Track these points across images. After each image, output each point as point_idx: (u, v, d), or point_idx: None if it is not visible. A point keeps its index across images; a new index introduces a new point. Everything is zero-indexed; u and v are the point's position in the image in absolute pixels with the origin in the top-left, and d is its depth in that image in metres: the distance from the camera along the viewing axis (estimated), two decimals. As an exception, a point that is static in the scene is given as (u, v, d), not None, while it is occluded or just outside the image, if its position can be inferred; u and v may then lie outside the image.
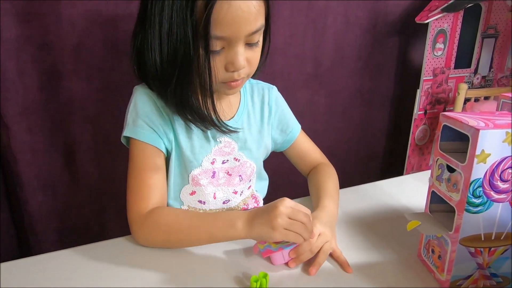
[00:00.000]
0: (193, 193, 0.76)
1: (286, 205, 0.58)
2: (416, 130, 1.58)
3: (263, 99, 0.82)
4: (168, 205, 0.76)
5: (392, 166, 1.81)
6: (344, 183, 0.87)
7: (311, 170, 0.86)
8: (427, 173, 1.00)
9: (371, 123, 1.69)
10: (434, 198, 0.60)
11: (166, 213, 0.66)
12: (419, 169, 1.69)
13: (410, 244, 0.69)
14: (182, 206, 0.77)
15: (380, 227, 0.75)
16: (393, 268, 0.63)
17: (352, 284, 0.60)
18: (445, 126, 0.56)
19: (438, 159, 0.58)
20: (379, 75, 1.62)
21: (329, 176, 0.81)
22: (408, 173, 1.66)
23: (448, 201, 0.55)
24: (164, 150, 0.71)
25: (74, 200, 1.27)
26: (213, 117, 0.70)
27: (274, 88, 0.86)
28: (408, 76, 1.66)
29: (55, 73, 1.12)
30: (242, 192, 0.81)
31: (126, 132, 0.69)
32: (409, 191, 0.89)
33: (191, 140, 0.73)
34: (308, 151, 0.88)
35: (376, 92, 1.65)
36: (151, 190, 0.68)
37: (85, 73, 1.14)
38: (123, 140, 0.72)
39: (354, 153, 1.70)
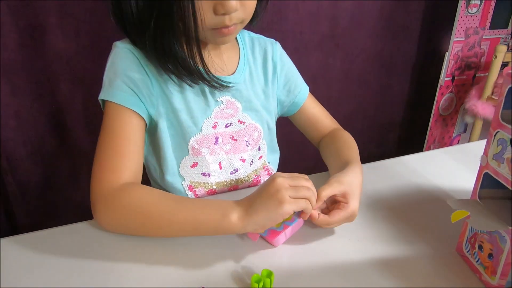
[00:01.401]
0: (194, 164, 0.66)
1: (282, 175, 0.51)
2: (441, 99, 1.43)
3: (266, 54, 0.72)
4: (166, 182, 0.66)
5: (412, 138, 1.67)
6: (359, 155, 0.76)
7: (323, 137, 0.76)
8: (460, 147, 0.87)
9: (390, 90, 1.54)
10: (486, 181, 0.48)
11: (142, 192, 0.54)
12: (441, 142, 1.55)
13: (446, 234, 0.57)
14: (183, 183, 0.67)
15: (408, 212, 0.63)
16: (426, 265, 0.52)
17: (377, 284, 0.48)
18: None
19: (497, 132, 0.45)
20: (402, 36, 1.46)
21: (349, 143, 0.71)
22: (429, 146, 1.53)
23: (510, 187, 0.43)
24: (146, 117, 0.60)
25: (65, 168, 1.18)
26: (201, 68, 0.59)
27: (278, 44, 0.75)
28: (436, 37, 1.49)
29: (38, 28, 1.00)
30: (252, 161, 0.71)
31: (101, 95, 0.59)
32: (440, 169, 0.76)
33: (187, 103, 0.63)
34: (319, 116, 0.77)
35: (398, 56, 1.49)
36: (124, 161, 0.56)
37: (72, 28, 1.03)
38: (102, 106, 0.61)
39: (370, 123, 1.57)
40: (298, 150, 1.39)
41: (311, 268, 0.51)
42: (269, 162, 0.77)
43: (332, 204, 0.57)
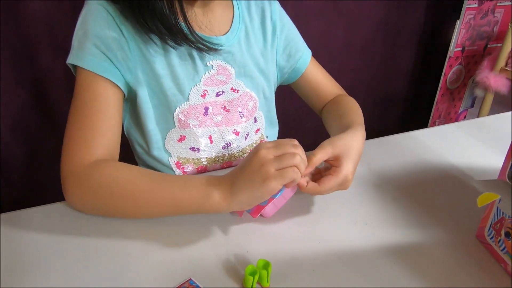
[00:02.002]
0: (182, 138, 0.59)
1: (265, 146, 0.44)
2: (450, 71, 1.35)
3: (264, 13, 0.64)
4: (152, 158, 0.60)
5: (416, 113, 1.60)
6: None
7: (326, 104, 0.70)
8: (474, 122, 0.80)
9: (395, 62, 1.46)
10: (517, 159, 0.41)
11: (115, 170, 0.48)
12: (447, 117, 1.48)
13: (465, 218, 0.51)
14: (170, 158, 0.60)
15: (421, 193, 0.57)
16: (443, 252, 0.46)
17: (388, 273, 0.43)
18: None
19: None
20: (410, 3, 1.37)
21: (352, 107, 0.64)
22: (434, 122, 1.46)
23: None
24: (122, 85, 0.53)
25: (49, 142, 1.11)
26: (184, 27, 0.52)
27: (277, 2, 0.67)
28: (446, 4, 1.39)
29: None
30: (247, 134, 0.65)
31: (69, 58, 0.51)
32: (453, 145, 0.70)
33: (172, 67, 0.55)
34: (322, 81, 0.70)
35: (404, 24, 1.40)
36: (96, 136, 0.50)
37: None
38: (74, 72, 0.54)
39: (372, 97, 1.50)
40: (296, 125, 1.32)
41: (313, 257, 0.45)
42: (267, 136, 0.70)
43: (326, 170, 0.50)
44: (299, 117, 1.27)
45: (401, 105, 1.58)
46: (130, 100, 0.56)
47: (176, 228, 0.48)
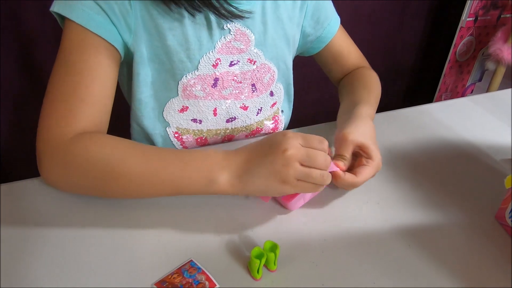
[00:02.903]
0: (184, 109, 0.54)
1: (295, 145, 0.39)
2: (460, 42, 1.29)
3: None
4: (144, 127, 0.54)
5: (421, 87, 1.55)
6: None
7: (344, 76, 0.65)
8: (489, 96, 0.76)
9: (402, 32, 1.40)
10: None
11: (102, 145, 0.41)
12: (454, 91, 1.43)
13: (482, 198, 0.48)
14: (168, 128, 0.55)
15: (435, 171, 0.53)
16: (460, 234, 0.43)
17: (401, 256, 0.40)
18: None
19: None
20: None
21: (368, 83, 0.60)
22: (440, 96, 1.41)
23: None
24: (119, 47, 0.46)
25: (38, 113, 1.06)
26: None
27: None
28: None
29: None
30: (260, 109, 0.59)
31: (54, 5, 0.44)
32: (468, 120, 0.66)
33: (183, 28, 0.48)
34: (347, 52, 0.64)
35: (414, -8, 1.33)
36: (82, 106, 0.43)
37: None
38: (61, 23, 0.46)
39: (377, 68, 1.43)
40: (298, 97, 1.27)
41: (322, 239, 0.42)
42: (282, 111, 0.65)
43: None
44: (300, 88, 1.23)
45: (406, 78, 1.53)
46: (127, 64, 0.50)
47: (176, 206, 0.45)
